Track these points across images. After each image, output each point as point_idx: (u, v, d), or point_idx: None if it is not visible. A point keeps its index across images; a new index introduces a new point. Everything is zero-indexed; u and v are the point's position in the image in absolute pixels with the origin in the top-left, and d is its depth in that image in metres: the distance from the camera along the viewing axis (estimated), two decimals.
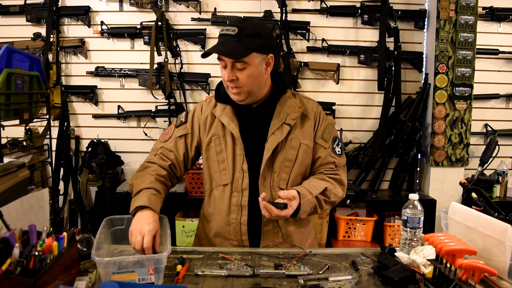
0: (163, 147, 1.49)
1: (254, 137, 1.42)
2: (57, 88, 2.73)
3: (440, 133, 2.72)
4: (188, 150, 1.49)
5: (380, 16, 2.72)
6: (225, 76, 1.35)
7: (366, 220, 2.64)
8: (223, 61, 1.35)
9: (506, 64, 2.89)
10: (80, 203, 2.73)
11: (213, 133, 1.44)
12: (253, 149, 1.41)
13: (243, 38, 1.30)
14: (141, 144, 2.87)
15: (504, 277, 1.09)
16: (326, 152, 1.46)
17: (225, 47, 1.31)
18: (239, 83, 1.34)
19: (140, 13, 2.77)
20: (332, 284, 1.08)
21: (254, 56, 1.32)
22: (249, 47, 1.30)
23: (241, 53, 1.29)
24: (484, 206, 1.43)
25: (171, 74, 2.77)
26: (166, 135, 1.52)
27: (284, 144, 1.41)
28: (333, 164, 1.47)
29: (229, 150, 1.41)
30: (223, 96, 1.45)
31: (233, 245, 1.42)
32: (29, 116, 1.79)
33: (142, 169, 1.45)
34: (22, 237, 1.01)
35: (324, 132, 1.47)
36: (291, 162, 1.41)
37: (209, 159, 1.45)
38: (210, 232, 1.48)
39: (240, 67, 1.32)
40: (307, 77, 2.85)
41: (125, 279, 1.03)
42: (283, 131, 1.40)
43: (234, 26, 1.32)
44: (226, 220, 1.42)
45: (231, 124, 1.41)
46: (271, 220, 1.38)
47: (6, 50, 1.70)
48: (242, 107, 1.43)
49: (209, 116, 1.47)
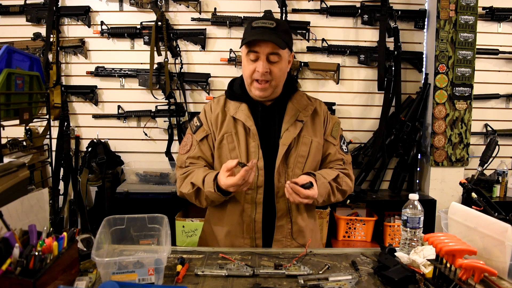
0: (189, 157, 1.49)
1: (269, 134, 1.44)
2: (57, 88, 2.73)
3: (440, 133, 2.72)
4: (213, 149, 1.49)
5: (380, 16, 2.72)
6: (260, 68, 1.36)
7: (366, 220, 2.64)
8: (254, 54, 1.37)
9: (506, 64, 2.89)
10: (80, 203, 2.73)
11: (225, 130, 1.45)
12: (267, 146, 1.43)
13: (280, 33, 1.36)
14: (141, 144, 2.87)
15: (504, 277, 1.09)
16: (335, 149, 1.52)
17: (271, 37, 1.34)
18: (271, 77, 1.38)
19: (140, 13, 2.77)
20: (332, 284, 1.08)
21: (286, 51, 1.40)
22: (286, 41, 1.37)
23: (283, 44, 1.35)
24: (484, 206, 1.43)
25: (171, 74, 2.77)
26: (185, 146, 1.52)
27: (297, 141, 1.44)
28: (341, 161, 1.53)
29: (242, 148, 1.42)
30: (237, 94, 1.47)
31: (245, 244, 1.43)
32: (29, 116, 1.79)
33: (184, 178, 1.46)
34: (22, 237, 1.01)
35: (333, 130, 1.53)
36: (303, 158, 1.44)
37: (221, 157, 1.46)
38: (220, 232, 1.47)
39: (274, 60, 1.37)
40: (307, 77, 2.85)
41: (125, 279, 1.03)
42: (297, 128, 1.43)
43: (270, 20, 1.37)
44: (239, 218, 1.43)
45: (249, 121, 1.42)
46: (285, 214, 1.43)
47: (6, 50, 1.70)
48: (257, 105, 1.46)
49: (220, 114, 1.47)
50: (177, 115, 2.78)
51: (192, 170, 1.46)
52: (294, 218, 1.45)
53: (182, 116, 2.80)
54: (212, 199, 1.39)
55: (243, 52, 1.42)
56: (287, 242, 1.44)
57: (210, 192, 1.35)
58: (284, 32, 1.38)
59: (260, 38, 1.34)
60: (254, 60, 1.38)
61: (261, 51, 1.35)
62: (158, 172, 2.68)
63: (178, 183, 1.49)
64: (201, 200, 1.44)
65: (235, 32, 2.79)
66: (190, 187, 1.41)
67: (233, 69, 2.82)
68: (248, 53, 1.39)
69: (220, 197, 1.36)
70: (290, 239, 1.45)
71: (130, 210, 1.53)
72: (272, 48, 1.35)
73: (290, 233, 1.45)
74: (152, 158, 2.86)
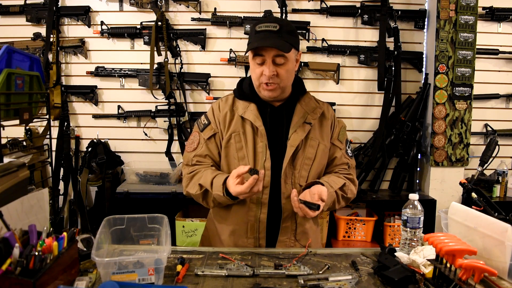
0: (196, 155, 1.49)
1: (276, 135, 1.44)
2: (57, 88, 2.73)
3: (440, 133, 2.72)
4: (220, 148, 1.49)
5: (380, 16, 2.72)
6: (266, 71, 1.36)
7: (366, 220, 2.64)
8: (260, 57, 1.37)
9: (506, 64, 2.89)
10: (80, 203, 2.73)
11: (232, 130, 1.44)
12: (275, 147, 1.43)
13: (284, 34, 1.35)
14: (141, 144, 2.87)
15: (504, 277, 1.09)
16: (341, 153, 1.52)
17: (275, 41, 1.33)
18: (278, 79, 1.38)
19: (140, 13, 2.77)
20: (332, 284, 1.08)
21: (292, 52, 1.38)
22: (290, 42, 1.36)
23: (287, 47, 1.35)
24: (484, 206, 1.43)
25: (171, 74, 2.77)
26: (192, 144, 1.51)
27: (304, 143, 1.44)
28: (346, 165, 1.53)
29: (250, 147, 1.42)
30: (246, 94, 1.48)
31: (249, 243, 1.43)
32: (29, 116, 1.79)
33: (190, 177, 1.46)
34: (22, 237, 1.01)
35: (340, 134, 1.54)
36: (310, 161, 1.44)
37: (228, 156, 1.46)
38: (224, 232, 1.48)
39: (280, 62, 1.36)
40: (307, 77, 2.85)
41: (125, 279, 1.03)
42: (305, 130, 1.43)
43: (274, 22, 1.36)
44: (244, 218, 1.43)
45: (258, 121, 1.42)
46: (290, 215, 1.43)
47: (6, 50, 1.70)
48: (266, 106, 1.46)
49: (228, 113, 1.47)
50: (177, 115, 2.78)
51: (199, 170, 1.45)
52: (299, 220, 1.45)
53: (182, 116, 2.80)
54: (220, 201, 1.39)
55: (250, 56, 1.42)
56: (290, 243, 1.45)
57: (219, 196, 1.35)
58: (289, 33, 1.36)
59: (262, 45, 1.34)
60: (260, 63, 1.38)
61: (267, 54, 1.35)
62: (158, 172, 2.68)
63: (185, 182, 1.49)
64: (208, 202, 1.44)
65: (235, 32, 2.79)
66: (198, 188, 1.41)
67: (233, 69, 2.82)
68: (254, 57, 1.39)
69: (228, 201, 1.36)
70: (293, 240, 1.45)
71: (130, 210, 1.53)
72: (277, 51, 1.35)
73: (294, 234, 1.45)
74: (152, 158, 2.86)
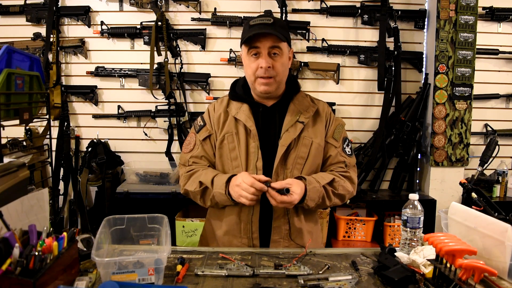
0: (192, 157, 1.51)
1: (269, 135, 1.45)
2: (57, 88, 2.73)
3: (440, 133, 2.72)
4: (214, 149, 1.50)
5: (380, 16, 2.72)
6: (263, 63, 1.38)
7: (366, 220, 2.64)
8: (256, 49, 1.39)
9: (506, 64, 2.89)
10: (80, 203, 2.73)
11: (226, 130, 1.46)
12: (267, 146, 1.43)
13: (278, 28, 1.38)
14: (141, 144, 2.87)
15: (504, 277, 1.09)
16: (336, 151, 1.51)
17: (271, 30, 1.36)
18: (274, 72, 1.39)
19: (140, 13, 2.77)
20: (332, 284, 1.08)
21: (286, 46, 1.42)
22: (284, 35, 1.40)
23: (282, 37, 1.38)
24: (484, 206, 1.43)
25: (171, 74, 2.77)
26: (189, 145, 1.54)
27: (297, 142, 1.44)
28: (343, 164, 1.51)
29: (242, 148, 1.43)
30: (239, 94, 1.49)
31: (243, 243, 1.43)
32: (29, 116, 1.79)
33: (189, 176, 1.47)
34: (22, 237, 1.01)
35: (335, 132, 1.52)
36: (303, 160, 1.44)
37: (222, 156, 1.47)
38: (219, 231, 1.48)
39: (275, 53, 1.39)
40: (307, 77, 2.85)
41: (125, 279, 1.03)
42: (297, 129, 1.43)
43: (267, 17, 1.41)
44: (237, 218, 1.44)
45: (249, 121, 1.43)
46: (282, 215, 1.43)
47: (6, 50, 1.70)
48: (259, 106, 1.47)
49: (222, 114, 1.48)
50: (177, 115, 2.78)
51: (198, 169, 1.47)
52: (291, 220, 1.44)
53: (182, 116, 2.80)
54: (219, 200, 1.39)
55: (244, 52, 1.43)
56: (285, 243, 1.44)
57: (220, 194, 1.36)
58: (282, 28, 1.41)
59: (259, 31, 1.36)
60: (255, 57, 1.40)
61: (262, 45, 1.37)
62: (158, 172, 2.68)
63: (182, 181, 1.49)
64: (205, 200, 1.44)
65: (235, 32, 2.79)
66: (198, 186, 1.42)
67: (233, 69, 2.82)
68: (249, 51, 1.40)
69: (227, 200, 1.37)
70: (288, 240, 1.44)
71: (130, 210, 1.53)
72: (272, 41, 1.37)
73: (288, 234, 1.44)
74: (152, 158, 2.86)
